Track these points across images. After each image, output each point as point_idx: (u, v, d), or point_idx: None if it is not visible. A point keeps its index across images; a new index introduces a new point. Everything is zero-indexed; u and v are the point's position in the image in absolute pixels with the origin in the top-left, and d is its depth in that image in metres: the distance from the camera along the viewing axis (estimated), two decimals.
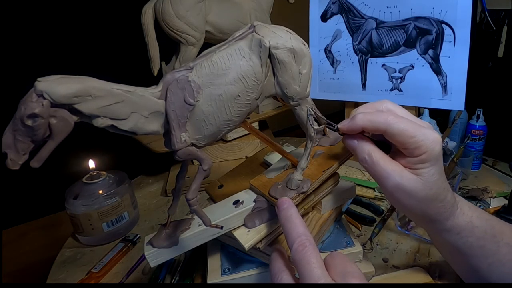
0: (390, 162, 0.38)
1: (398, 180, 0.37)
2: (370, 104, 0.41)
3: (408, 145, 0.37)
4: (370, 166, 0.38)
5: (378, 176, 0.38)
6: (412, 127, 0.36)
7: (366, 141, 0.39)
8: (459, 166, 0.70)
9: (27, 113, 0.25)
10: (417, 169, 0.37)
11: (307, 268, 0.30)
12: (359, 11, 0.75)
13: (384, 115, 0.37)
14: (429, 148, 0.36)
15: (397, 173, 0.37)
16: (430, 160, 0.37)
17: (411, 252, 0.57)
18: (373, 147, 0.39)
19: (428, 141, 0.36)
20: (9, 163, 0.26)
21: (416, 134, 0.36)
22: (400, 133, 0.36)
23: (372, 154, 0.38)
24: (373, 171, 0.38)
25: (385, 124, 0.37)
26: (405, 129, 0.36)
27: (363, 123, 0.38)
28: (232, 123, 0.36)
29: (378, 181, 0.39)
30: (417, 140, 0.36)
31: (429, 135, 0.36)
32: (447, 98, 0.70)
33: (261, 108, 0.93)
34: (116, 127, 0.30)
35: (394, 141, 0.38)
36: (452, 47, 0.68)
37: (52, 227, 1.01)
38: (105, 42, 1.08)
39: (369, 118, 0.37)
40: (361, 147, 0.39)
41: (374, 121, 0.37)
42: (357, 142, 0.39)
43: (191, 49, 0.76)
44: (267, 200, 0.42)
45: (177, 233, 0.41)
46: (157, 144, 0.82)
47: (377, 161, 0.38)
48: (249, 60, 0.34)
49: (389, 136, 0.37)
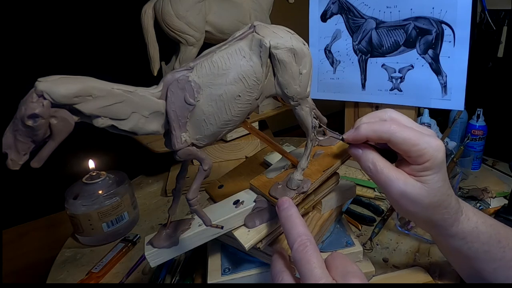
0: (394, 170, 0.38)
1: (402, 188, 0.37)
2: (374, 113, 0.41)
3: (411, 153, 0.37)
4: (374, 175, 0.39)
5: (383, 184, 0.39)
6: (415, 135, 0.37)
7: (370, 150, 0.40)
8: (459, 166, 0.70)
9: (27, 114, 0.25)
10: (421, 177, 0.37)
11: (307, 268, 0.30)
12: (359, 11, 0.75)
13: (387, 125, 0.38)
14: (432, 156, 0.37)
15: (401, 181, 0.38)
16: (434, 167, 0.37)
17: (411, 252, 0.57)
18: (377, 156, 0.39)
19: (431, 149, 0.37)
20: (9, 164, 0.26)
21: (419, 142, 0.37)
22: (403, 142, 0.37)
23: (376, 163, 0.39)
24: (378, 179, 0.39)
25: (388, 133, 0.37)
26: (408, 137, 0.37)
27: (366, 133, 0.38)
28: (233, 123, 0.36)
29: (383, 188, 0.39)
30: (420, 148, 0.36)
31: (431, 143, 0.37)
32: (447, 98, 0.70)
33: (261, 108, 0.93)
34: (117, 127, 0.30)
35: (397, 149, 0.38)
36: (452, 47, 0.68)
37: (52, 227, 1.01)
38: (105, 42, 1.08)
39: (373, 128, 0.38)
40: (365, 156, 0.39)
41: (378, 131, 0.38)
42: (361, 151, 0.40)
43: (191, 49, 0.76)
44: (267, 200, 0.42)
45: (177, 233, 0.41)
46: (157, 144, 0.82)
47: (381, 170, 0.38)
48: (249, 60, 0.34)
49: (393, 145, 0.38)
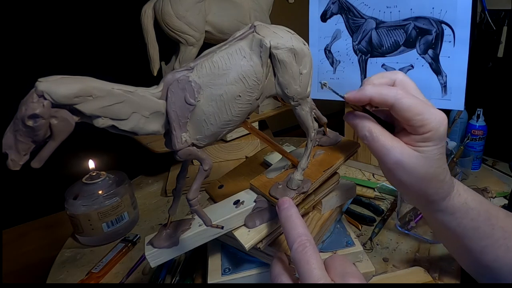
0: (391, 138, 0.38)
1: (398, 157, 0.37)
2: (383, 73, 0.40)
3: (413, 122, 0.36)
4: (370, 143, 0.38)
5: (378, 153, 0.38)
6: (421, 104, 0.36)
7: (367, 118, 0.39)
8: (459, 166, 0.70)
9: (28, 114, 0.25)
10: (420, 147, 0.37)
11: (306, 268, 0.30)
12: (358, 11, 0.75)
13: (394, 90, 0.37)
14: (434, 128, 0.36)
15: (397, 149, 0.37)
16: (435, 139, 0.36)
17: (411, 252, 0.57)
18: (374, 124, 0.38)
19: (435, 121, 0.36)
20: (10, 164, 0.26)
21: (423, 112, 0.36)
22: (408, 109, 0.36)
23: (373, 131, 0.38)
24: (374, 147, 0.38)
25: (394, 98, 0.36)
26: (413, 105, 0.36)
27: (371, 94, 0.37)
28: (233, 123, 0.36)
29: (378, 157, 0.39)
30: (423, 118, 0.36)
31: (436, 115, 0.36)
32: (446, 98, 0.70)
33: (261, 108, 0.93)
34: (117, 128, 0.30)
35: (400, 116, 0.37)
36: (451, 47, 0.68)
37: (52, 227, 1.01)
38: (105, 42, 1.08)
39: (378, 90, 0.37)
40: (362, 124, 0.39)
41: (383, 94, 0.37)
42: (358, 119, 0.39)
43: (190, 49, 0.76)
44: (267, 200, 0.42)
45: (177, 233, 0.41)
46: (157, 144, 0.82)
47: (377, 137, 0.37)
48: (249, 60, 0.34)
49: (396, 111, 0.37)
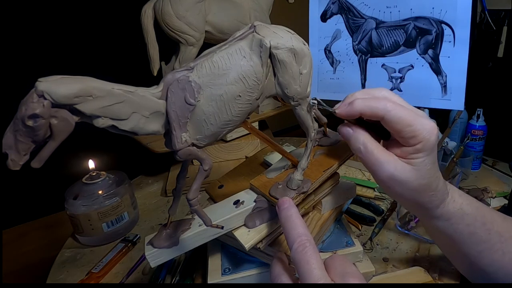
0: (384, 152, 0.38)
1: (391, 171, 0.37)
2: (367, 90, 0.40)
3: (404, 134, 0.36)
4: (364, 156, 0.38)
5: (372, 166, 0.38)
6: (410, 115, 0.36)
7: (361, 131, 0.39)
8: (459, 166, 0.70)
9: (28, 114, 0.25)
10: (412, 159, 0.37)
11: (306, 269, 0.30)
12: (358, 11, 0.75)
13: (383, 102, 0.37)
14: (425, 138, 0.36)
15: (391, 164, 0.37)
16: (426, 150, 0.36)
17: (411, 252, 0.57)
18: (368, 137, 0.38)
19: (425, 131, 0.36)
20: (10, 164, 0.26)
21: (414, 123, 0.36)
22: (398, 121, 0.36)
23: (367, 145, 0.38)
24: (367, 160, 0.38)
25: (384, 110, 0.36)
26: (403, 117, 0.36)
27: (361, 109, 0.37)
28: (233, 123, 0.35)
29: (372, 171, 0.39)
30: (414, 129, 0.36)
31: (426, 125, 0.36)
32: (446, 98, 0.70)
33: (261, 108, 0.93)
34: (117, 128, 0.30)
35: (390, 128, 0.37)
36: (451, 47, 0.68)
37: (52, 227, 1.01)
38: (105, 42, 1.08)
39: (368, 104, 0.37)
40: (356, 137, 0.39)
41: (373, 107, 0.37)
42: (352, 131, 0.39)
43: (190, 49, 0.76)
44: (267, 200, 0.42)
45: (177, 233, 0.41)
46: (157, 144, 0.82)
47: (372, 151, 0.37)
48: (249, 60, 0.34)
49: (386, 123, 0.37)
